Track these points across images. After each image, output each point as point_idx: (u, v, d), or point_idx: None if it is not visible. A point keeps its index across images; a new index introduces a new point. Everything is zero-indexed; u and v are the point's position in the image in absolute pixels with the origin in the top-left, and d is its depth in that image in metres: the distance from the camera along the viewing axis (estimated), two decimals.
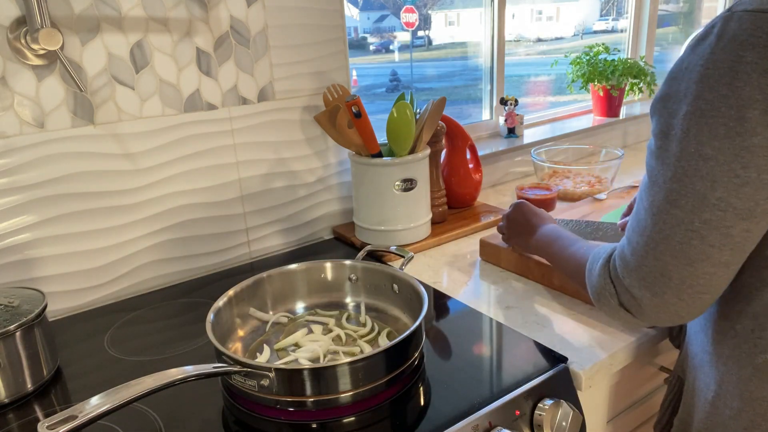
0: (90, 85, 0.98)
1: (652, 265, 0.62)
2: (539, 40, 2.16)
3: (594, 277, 0.70)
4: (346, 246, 1.27)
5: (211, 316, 0.78)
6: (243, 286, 0.88)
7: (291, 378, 0.68)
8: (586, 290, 0.73)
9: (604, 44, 1.97)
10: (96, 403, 0.58)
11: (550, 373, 0.78)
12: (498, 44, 1.73)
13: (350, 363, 0.69)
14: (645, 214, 0.63)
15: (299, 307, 0.94)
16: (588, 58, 1.94)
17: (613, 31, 2.31)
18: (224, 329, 0.83)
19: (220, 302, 0.82)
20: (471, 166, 1.40)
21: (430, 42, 1.84)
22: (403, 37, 1.78)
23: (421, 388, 0.76)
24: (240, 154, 1.16)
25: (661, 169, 0.61)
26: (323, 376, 0.69)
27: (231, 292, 0.85)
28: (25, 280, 0.98)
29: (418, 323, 0.75)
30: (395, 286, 0.90)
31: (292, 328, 0.89)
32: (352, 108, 1.12)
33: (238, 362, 0.69)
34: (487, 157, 1.59)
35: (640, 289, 0.63)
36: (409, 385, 0.76)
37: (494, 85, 1.77)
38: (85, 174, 1.00)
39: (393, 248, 0.97)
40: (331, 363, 0.69)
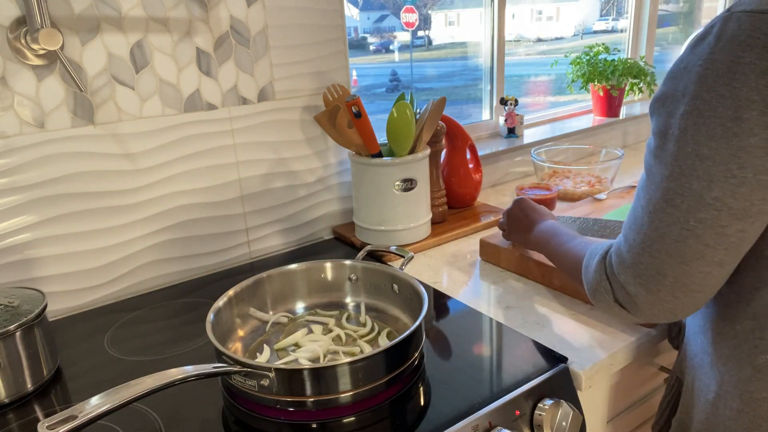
0: (90, 85, 0.98)
1: (647, 262, 0.62)
2: (539, 40, 2.16)
3: (590, 273, 0.71)
4: (346, 246, 1.27)
5: (211, 316, 0.78)
6: (243, 286, 0.88)
7: (291, 378, 0.68)
8: (583, 286, 0.74)
9: (604, 44, 1.97)
10: (96, 403, 0.58)
11: (550, 373, 0.78)
12: (498, 44, 1.73)
13: (350, 363, 0.69)
14: (642, 211, 0.63)
15: (299, 307, 0.94)
16: (588, 58, 1.94)
17: (613, 31, 2.31)
18: (224, 329, 0.83)
19: (220, 302, 0.82)
20: (471, 166, 1.40)
21: (430, 42, 1.84)
22: (403, 37, 1.78)
23: (421, 388, 0.76)
24: (240, 154, 1.16)
25: (658, 168, 0.61)
26: (323, 376, 0.69)
27: (231, 292, 0.86)
28: (25, 280, 0.98)
29: (418, 323, 0.75)
30: (395, 286, 0.90)
31: (292, 328, 0.89)
32: (352, 108, 1.12)
33: (238, 362, 0.69)
34: (487, 157, 1.59)
35: (635, 286, 0.63)
36: (409, 385, 0.76)
37: (494, 85, 1.77)
38: (85, 174, 1.00)
39: (393, 248, 0.97)
40: (331, 363, 0.69)
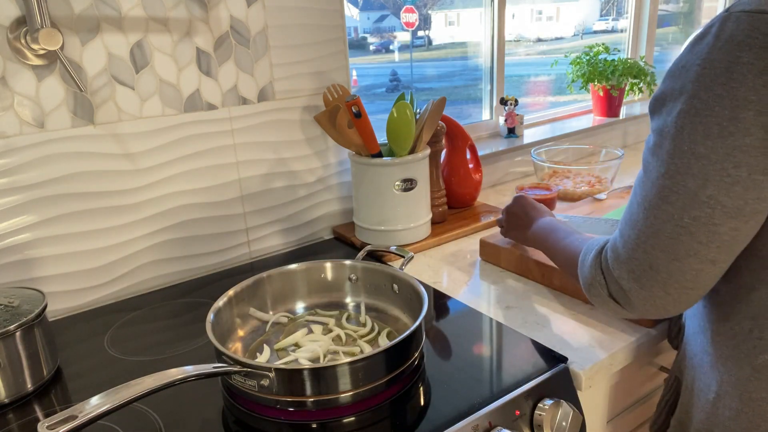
0: (90, 85, 0.98)
1: (641, 258, 0.62)
2: (539, 40, 2.16)
3: (586, 268, 0.71)
4: (346, 246, 1.27)
5: (211, 316, 0.78)
6: (243, 286, 0.88)
7: (291, 378, 0.68)
8: (579, 281, 0.74)
9: (604, 44, 1.97)
10: (96, 403, 0.58)
11: (550, 373, 0.78)
12: (498, 44, 1.73)
13: (350, 363, 0.69)
14: (637, 208, 0.64)
15: (299, 307, 0.94)
16: (588, 58, 1.94)
17: (613, 31, 2.31)
18: (224, 329, 0.83)
19: (220, 302, 0.82)
20: (471, 166, 1.40)
21: (430, 42, 1.84)
22: (403, 37, 1.78)
23: (421, 388, 0.76)
24: (240, 154, 1.16)
25: (654, 165, 0.62)
26: (323, 376, 0.69)
27: (231, 292, 0.85)
28: (25, 280, 0.98)
29: (418, 323, 0.75)
30: (395, 286, 0.90)
31: (292, 328, 0.89)
32: (352, 108, 1.12)
33: (238, 362, 0.69)
34: (487, 157, 1.59)
35: (629, 281, 0.64)
36: (409, 385, 0.76)
37: (494, 85, 1.77)
38: (85, 174, 1.00)
39: (393, 248, 0.97)
40: (331, 363, 0.69)
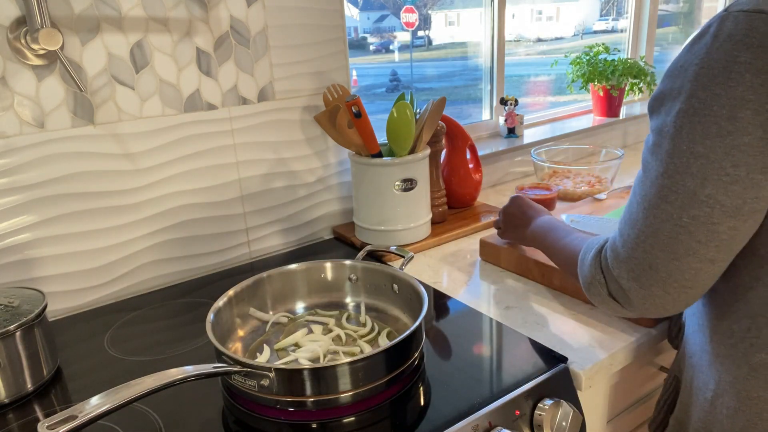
0: (90, 85, 0.98)
1: (641, 257, 0.62)
2: (539, 40, 2.16)
3: (585, 267, 0.71)
4: (346, 246, 1.27)
5: (211, 316, 0.78)
6: (243, 286, 0.88)
7: (291, 378, 0.68)
8: (578, 280, 0.74)
9: (604, 44, 1.97)
10: (96, 403, 0.58)
11: (550, 373, 0.78)
12: (498, 44, 1.73)
13: (350, 363, 0.69)
14: (637, 207, 0.64)
15: (299, 307, 0.94)
16: (588, 58, 1.94)
17: (613, 31, 2.31)
18: (224, 329, 0.83)
19: (220, 302, 0.82)
20: (471, 166, 1.40)
21: (430, 42, 1.84)
22: (403, 37, 1.78)
23: (421, 388, 0.76)
24: (240, 154, 1.16)
25: (654, 164, 0.62)
26: (323, 376, 0.69)
27: (231, 292, 0.85)
28: (25, 280, 0.98)
29: (418, 323, 0.75)
30: (395, 286, 0.90)
31: (292, 328, 0.89)
32: (352, 108, 1.12)
33: (238, 362, 0.69)
34: (487, 157, 1.59)
35: (629, 281, 0.64)
36: (409, 385, 0.76)
37: (494, 85, 1.77)
38: (85, 174, 1.00)
39: (393, 248, 0.97)
40: (331, 363, 0.69)
